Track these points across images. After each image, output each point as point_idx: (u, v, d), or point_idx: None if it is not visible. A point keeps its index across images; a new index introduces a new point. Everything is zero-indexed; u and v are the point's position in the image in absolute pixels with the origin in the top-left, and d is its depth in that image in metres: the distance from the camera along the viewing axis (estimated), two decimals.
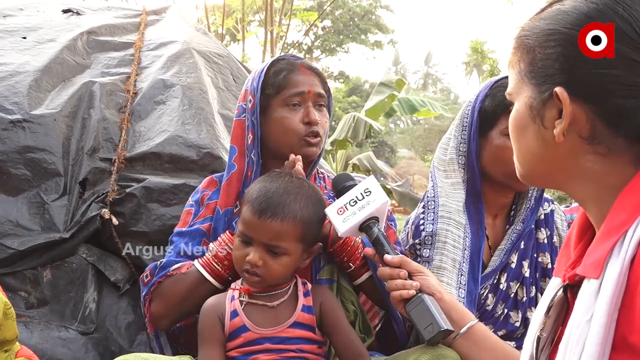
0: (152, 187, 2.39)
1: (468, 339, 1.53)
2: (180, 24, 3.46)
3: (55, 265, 2.29)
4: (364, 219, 1.63)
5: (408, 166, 27.58)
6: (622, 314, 0.86)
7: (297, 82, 1.86)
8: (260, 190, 1.59)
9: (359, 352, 1.61)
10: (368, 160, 10.70)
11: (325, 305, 1.63)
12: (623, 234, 0.88)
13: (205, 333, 1.60)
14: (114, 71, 2.85)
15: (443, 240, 1.93)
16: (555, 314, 1.04)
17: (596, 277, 0.89)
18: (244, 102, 1.92)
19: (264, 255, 1.55)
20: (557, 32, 0.96)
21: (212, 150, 2.54)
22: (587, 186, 0.98)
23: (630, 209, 0.90)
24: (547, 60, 0.97)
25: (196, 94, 2.77)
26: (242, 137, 1.90)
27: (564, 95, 0.94)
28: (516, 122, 1.05)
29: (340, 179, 1.77)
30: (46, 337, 2.10)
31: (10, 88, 2.46)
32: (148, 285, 1.79)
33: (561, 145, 0.97)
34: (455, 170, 2.03)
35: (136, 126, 2.64)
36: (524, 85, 1.02)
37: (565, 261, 1.05)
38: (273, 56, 9.93)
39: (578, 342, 0.88)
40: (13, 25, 2.89)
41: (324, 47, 32.11)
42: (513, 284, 2.04)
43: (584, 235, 1.05)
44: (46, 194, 2.35)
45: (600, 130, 0.94)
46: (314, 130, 1.86)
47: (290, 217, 1.55)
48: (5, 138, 2.32)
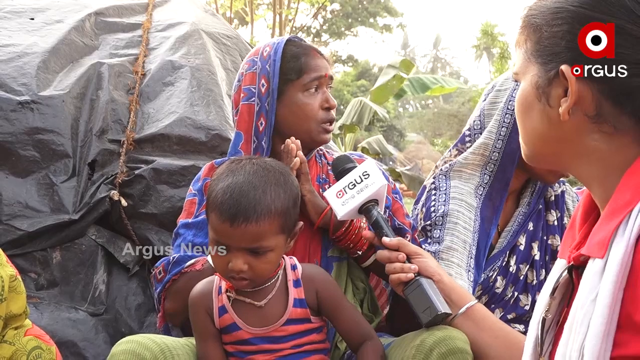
0: (161, 168, 2.39)
1: (468, 318, 1.52)
2: (189, 5, 3.44)
3: (64, 246, 2.29)
4: (362, 202, 1.61)
5: (417, 150, 27.50)
6: (627, 293, 0.85)
7: (316, 66, 1.82)
8: (224, 191, 1.42)
9: (366, 333, 1.55)
10: (378, 143, 10.68)
11: (322, 291, 1.54)
12: (628, 213, 0.88)
13: (197, 327, 1.54)
14: (122, 52, 2.84)
15: (454, 221, 1.91)
16: (560, 295, 1.03)
17: (601, 257, 0.89)
18: (252, 86, 1.85)
19: (247, 258, 1.42)
20: (564, 10, 0.95)
21: (221, 132, 2.53)
22: (593, 166, 0.98)
23: (634, 188, 0.90)
24: (553, 39, 0.96)
25: (205, 75, 2.75)
26: (251, 122, 1.84)
27: (569, 73, 0.93)
28: (522, 102, 1.05)
29: (339, 161, 1.74)
30: (56, 318, 2.11)
31: (19, 69, 2.45)
32: (162, 283, 1.74)
33: (566, 124, 0.97)
34: (482, 155, 1.98)
35: (145, 108, 2.63)
36: (530, 64, 1.01)
37: (570, 242, 1.05)
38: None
39: (583, 321, 0.88)
40: (21, 6, 2.87)
41: (332, 30, 31.94)
42: (522, 266, 2.02)
43: (589, 217, 1.05)
44: (55, 176, 2.35)
45: (606, 109, 0.93)
46: (331, 116, 1.84)
47: (265, 214, 1.41)
48: (14, 119, 2.32)
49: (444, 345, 1.40)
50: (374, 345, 1.54)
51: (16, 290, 1.42)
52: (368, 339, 1.55)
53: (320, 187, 1.86)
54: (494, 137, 1.96)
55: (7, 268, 1.41)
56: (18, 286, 1.43)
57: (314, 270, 1.60)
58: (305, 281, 1.55)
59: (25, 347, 1.40)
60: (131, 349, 1.41)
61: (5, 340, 1.39)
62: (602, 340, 0.85)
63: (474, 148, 1.99)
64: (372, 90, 10.22)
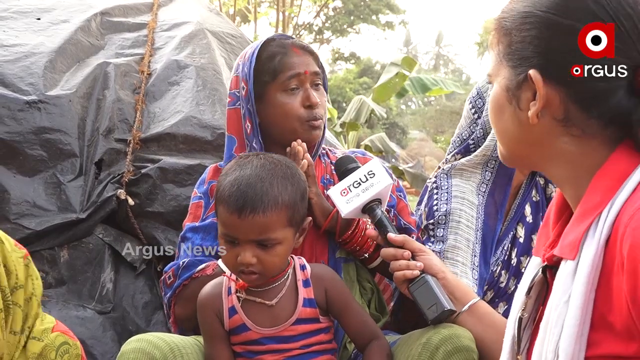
0: (167, 167, 2.41)
1: (472, 315, 1.54)
2: (193, 4, 3.45)
3: (72, 245, 2.31)
4: (367, 201, 1.63)
5: (419, 147, 27.43)
6: (599, 293, 0.88)
7: (292, 64, 1.78)
8: (231, 184, 1.45)
9: (373, 333, 1.57)
10: (380, 141, 10.70)
11: (331, 291, 1.56)
12: (597, 215, 0.90)
13: (206, 330, 1.55)
14: (127, 52, 2.85)
15: (457, 220, 1.94)
16: (535, 294, 1.06)
17: (572, 258, 0.92)
18: (236, 90, 1.84)
19: (256, 251, 1.45)
20: (533, 15, 0.97)
21: (226, 131, 2.54)
22: (563, 167, 1.00)
23: (604, 190, 0.92)
24: (522, 43, 0.98)
25: (210, 74, 2.77)
26: (240, 126, 1.83)
27: (537, 78, 0.96)
28: (494, 103, 1.07)
29: (343, 162, 1.75)
30: (64, 317, 2.12)
31: (26, 69, 2.47)
32: (172, 288, 1.74)
33: (536, 126, 0.99)
34: (482, 155, 2.00)
35: (151, 107, 2.65)
36: (502, 67, 1.03)
37: (544, 241, 1.08)
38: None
39: (557, 322, 0.91)
40: (27, 6, 2.89)
41: (335, 28, 31.89)
42: (523, 258, 2.06)
43: (562, 215, 1.07)
44: (62, 175, 2.36)
45: (574, 113, 0.96)
46: (316, 113, 1.80)
47: (272, 205, 1.44)
48: (21, 119, 2.34)
49: (450, 343, 1.42)
50: (380, 345, 1.55)
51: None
52: (375, 338, 1.56)
53: (324, 187, 1.86)
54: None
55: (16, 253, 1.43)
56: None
57: (322, 270, 1.62)
58: (315, 281, 1.57)
59: (53, 343, 1.42)
60: (141, 347, 1.43)
61: (34, 336, 1.41)
62: (576, 341, 0.88)
63: (478, 152, 2.01)
64: (374, 88, 10.24)
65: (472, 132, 2.04)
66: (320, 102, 1.81)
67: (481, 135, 2.02)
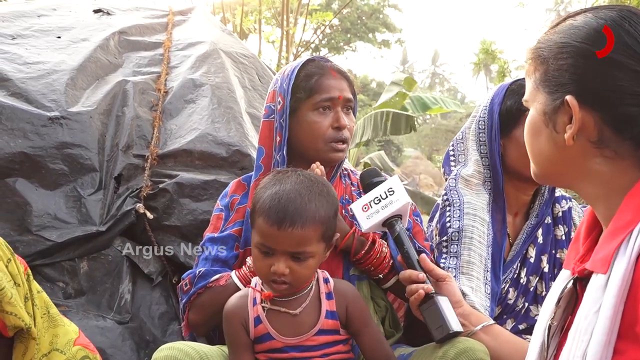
0: (184, 182, 2.48)
1: (487, 334, 1.62)
2: (206, 24, 3.55)
3: (91, 257, 2.38)
4: (386, 217, 1.70)
5: (414, 165, 27.52)
6: (627, 306, 0.95)
7: (328, 87, 1.87)
8: (272, 197, 1.52)
9: (388, 353, 1.64)
10: (379, 159, 10.78)
11: (352, 308, 1.62)
12: (629, 233, 0.98)
13: (232, 339, 1.61)
14: (144, 70, 2.94)
15: (470, 236, 2.00)
16: (564, 304, 1.13)
17: (604, 273, 0.99)
18: (272, 103, 1.93)
19: (289, 262, 1.51)
20: (569, 45, 1.06)
21: (241, 148, 2.63)
22: (596, 187, 1.08)
23: (635, 210, 0.99)
24: (559, 71, 1.07)
25: (225, 93, 2.85)
26: (271, 138, 1.91)
27: (573, 103, 1.04)
28: (531, 126, 1.15)
29: (368, 174, 1.83)
30: (85, 326, 2.17)
31: (48, 86, 2.55)
32: (187, 295, 1.82)
33: (571, 148, 1.07)
34: (479, 172, 2.10)
35: (167, 124, 2.73)
36: (538, 93, 1.12)
37: (574, 255, 1.15)
38: (288, 56, 9.79)
39: (586, 331, 0.98)
40: (47, 25, 2.97)
41: (331, 45, 32.05)
42: (532, 277, 2.11)
43: (592, 232, 1.15)
44: (82, 189, 2.44)
45: (608, 136, 1.04)
46: (342, 136, 1.88)
47: (310, 221, 1.51)
48: (44, 134, 2.41)
49: (465, 357, 1.48)
50: None
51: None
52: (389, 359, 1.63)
53: (343, 208, 1.92)
54: (478, 154, 2.11)
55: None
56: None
57: (346, 286, 1.69)
58: (337, 295, 1.63)
59: (75, 357, 1.46)
60: (173, 355, 1.50)
61: (57, 348, 1.44)
62: (604, 349, 0.95)
63: (471, 163, 2.12)
64: (375, 107, 10.35)
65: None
66: (349, 125, 1.89)
67: (476, 136, 2.14)
